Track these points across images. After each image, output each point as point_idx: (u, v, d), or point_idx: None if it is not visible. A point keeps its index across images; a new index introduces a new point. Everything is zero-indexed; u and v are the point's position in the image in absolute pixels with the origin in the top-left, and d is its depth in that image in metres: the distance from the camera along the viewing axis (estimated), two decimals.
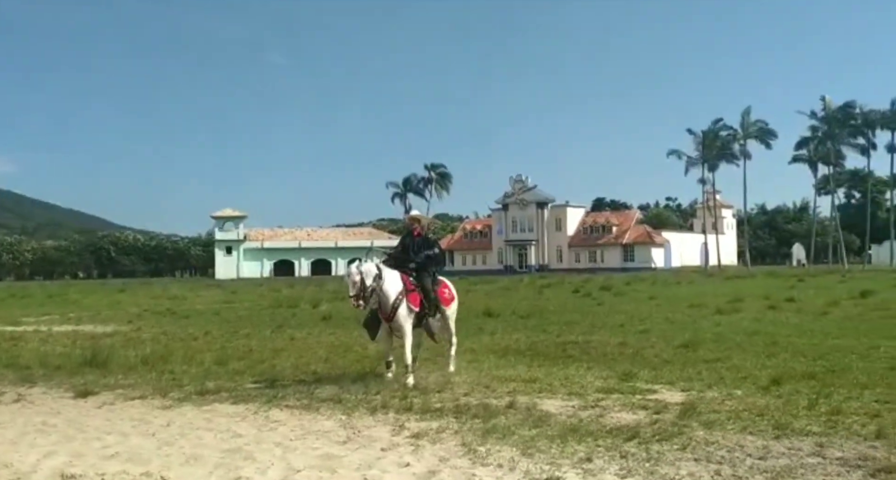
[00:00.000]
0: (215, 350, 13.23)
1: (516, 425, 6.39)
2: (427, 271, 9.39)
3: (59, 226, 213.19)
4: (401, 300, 8.90)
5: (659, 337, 13.25)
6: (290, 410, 7.71)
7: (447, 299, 9.64)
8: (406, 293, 8.97)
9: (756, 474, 4.87)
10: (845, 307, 19.14)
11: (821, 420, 6.28)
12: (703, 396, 7.71)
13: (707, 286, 35.39)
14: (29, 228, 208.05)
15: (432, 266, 9.51)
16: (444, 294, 9.59)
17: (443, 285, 9.73)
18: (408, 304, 8.95)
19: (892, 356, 9.99)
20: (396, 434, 6.35)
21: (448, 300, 9.66)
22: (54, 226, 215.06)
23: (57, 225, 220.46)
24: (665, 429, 6.09)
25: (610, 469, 5.07)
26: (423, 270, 9.36)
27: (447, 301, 9.62)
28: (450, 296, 9.73)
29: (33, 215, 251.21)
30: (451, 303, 9.73)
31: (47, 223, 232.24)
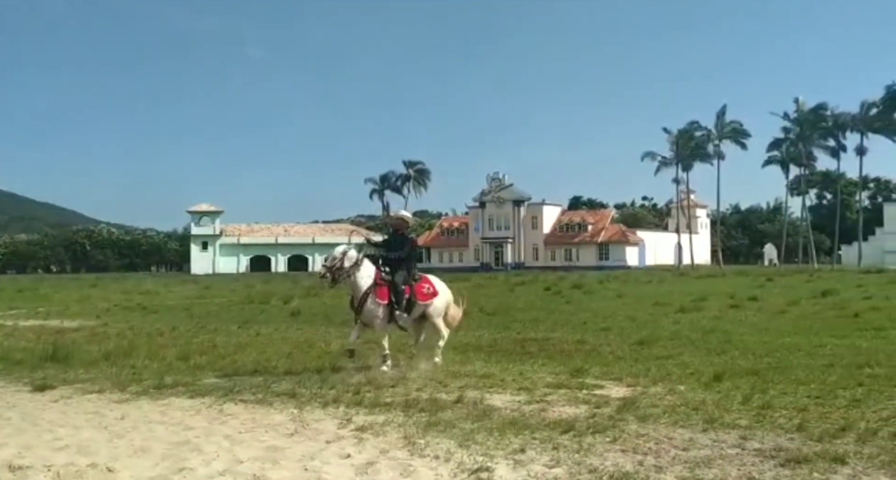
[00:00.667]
0: (180, 346, 13.31)
1: (460, 419, 6.59)
2: (401, 268, 9.68)
3: (34, 219, 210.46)
4: (369, 293, 9.39)
5: (617, 335, 13.55)
6: (244, 404, 7.84)
7: (425, 294, 9.88)
8: (375, 287, 9.40)
9: (676, 464, 5.11)
10: (804, 306, 19.59)
11: (750, 414, 6.54)
12: (646, 391, 7.96)
13: (676, 285, 35.87)
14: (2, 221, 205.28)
15: (404, 265, 9.78)
16: (421, 290, 9.85)
17: (423, 280, 10.00)
18: (375, 297, 9.39)
19: (835, 354, 10.31)
20: (343, 427, 6.53)
21: (427, 296, 9.90)
22: (28, 219, 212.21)
23: (31, 218, 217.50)
24: (600, 423, 6.32)
25: (540, 460, 5.29)
26: (397, 267, 9.67)
27: (425, 297, 9.86)
28: (429, 292, 9.95)
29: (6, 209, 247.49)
30: (429, 299, 9.94)
31: (21, 217, 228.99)
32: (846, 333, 13.30)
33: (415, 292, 9.74)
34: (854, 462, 4.94)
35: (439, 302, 10.11)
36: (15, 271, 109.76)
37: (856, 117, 62.59)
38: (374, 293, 9.42)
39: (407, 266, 9.83)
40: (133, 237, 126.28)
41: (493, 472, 5.04)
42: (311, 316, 19.88)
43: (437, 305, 10.08)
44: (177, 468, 5.49)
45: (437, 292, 10.08)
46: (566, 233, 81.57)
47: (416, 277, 9.92)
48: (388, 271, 9.64)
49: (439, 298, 10.11)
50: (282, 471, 5.30)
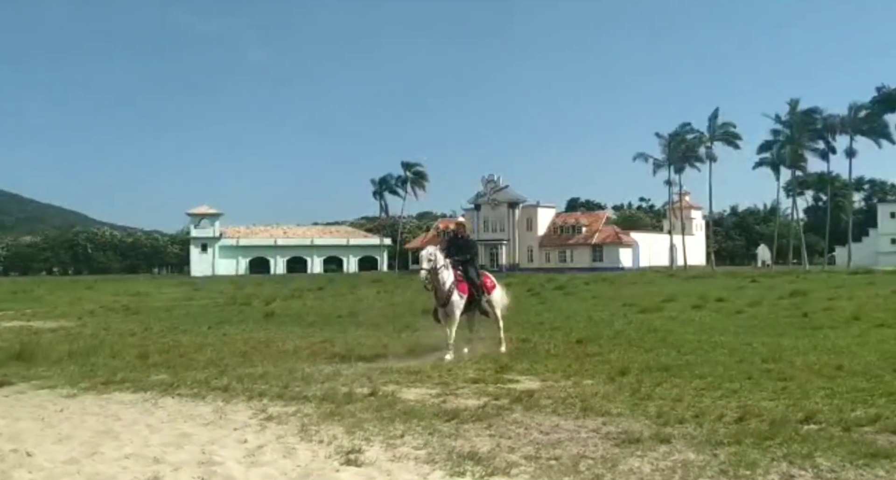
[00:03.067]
0: (146, 345, 13.91)
1: (362, 409, 7.17)
2: (472, 266, 11.57)
3: (38, 221, 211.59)
4: (453, 289, 11.03)
5: (564, 334, 14.09)
6: (179, 398, 8.43)
7: (490, 287, 11.88)
8: (456, 283, 11.10)
9: (528, 445, 5.68)
10: (763, 307, 20.08)
11: (628, 404, 7.11)
12: (554, 385, 8.54)
13: (658, 286, 36.31)
14: (7, 223, 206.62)
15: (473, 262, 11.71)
16: (487, 283, 11.85)
17: (485, 276, 12.03)
18: (458, 292, 11.06)
19: (753, 352, 10.78)
20: (254, 417, 7.11)
21: (490, 287, 11.89)
22: (33, 221, 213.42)
23: (36, 220, 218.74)
24: (487, 412, 6.90)
25: (412, 444, 5.87)
26: (469, 265, 11.51)
27: (489, 289, 11.83)
28: (491, 285, 11.96)
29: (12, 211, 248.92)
30: (493, 290, 11.92)
31: (26, 218, 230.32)
32: (783, 332, 13.84)
33: (483, 285, 11.62)
34: (675, 442, 5.52)
35: (497, 293, 12.05)
36: (17, 274, 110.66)
37: (844, 120, 63.04)
38: (457, 289, 11.08)
39: (474, 264, 11.70)
40: (135, 239, 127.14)
41: (365, 453, 5.62)
42: (284, 318, 20.45)
43: (496, 296, 11.99)
44: (90, 452, 6.07)
45: (495, 285, 12.09)
46: (561, 235, 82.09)
47: (479, 273, 11.87)
48: (462, 270, 11.36)
49: (497, 290, 12.08)
50: (181, 454, 5.89)
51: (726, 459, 5.01)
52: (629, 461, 5.12)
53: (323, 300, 29.13)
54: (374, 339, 14.09)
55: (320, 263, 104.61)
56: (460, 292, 11.08)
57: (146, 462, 5.71)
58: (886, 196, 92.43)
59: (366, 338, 14.35)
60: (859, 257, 74.89)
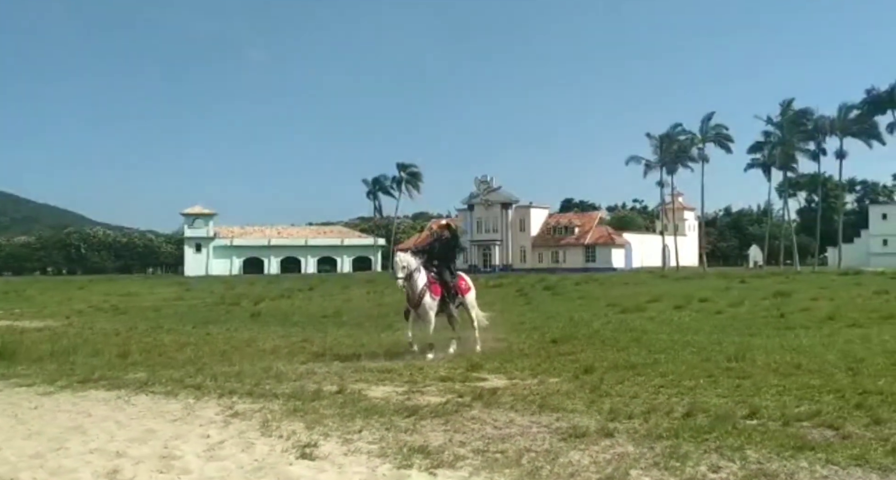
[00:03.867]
0: (129, 344, 14.10)
1: (326, 406, 7.36)
2: (446, 268, 11.71)
3: (34, 221, 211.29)
4: (425, 290, 11.23)
5: (542, 334, 14.28)
6: (152, 395, 8.60)
7: (464, 289, 12.05)
8: (429, 285, 11.28)
9: (479, 440, 5.88)
10: (745, 307, 20.30)
11: (586, 401, 7.29)
12: (519, 383, 8.72)
13: (647, 287, 36.40)
14: (3, 223, 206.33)
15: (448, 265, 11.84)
16: (461, 285, 12.00)
17: (460, 278, 12.15)
18: (430, 293, 11.26)
19: (721, 351, 10.90)
20: (220, 414, 7.29)
21: (465, 289, 12.07)
22: (29, 221, 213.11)
23: (32, 220, 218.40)
24: (447, 409, 7.08)
25: (367, 438, 6.06)
26: (444, 266, 11.68)
27: (464, 291, 12.03)
28: (466, 287, 12.11)
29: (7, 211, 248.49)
30: (468, 292, 12.13)
31: (22, 219, 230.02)
32: (756, 332, 14.05)
33: (456, 287, 11.78)
34: (618, 436, 5.72)
35: (472, 295, 12.26)
36: (11, 274, 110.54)
37: (835, 121, 63.37)
38: (430, 291, 11.26)
39: (450, 267, 11.84)
40: (129, 239, 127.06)
41: (320, 447, 5.81)
42: (269, 318, 20.64)
43: (470, 298, 12.19)
44: (56, 447, 6.25)
45: (470, 287, 12.26)
46: (553, 235, 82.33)
47: (455, 275, 12.02)
48: (436, 272, 11.54)
49: (472, 292, 12.30)
50: (144, 449, 6.07)
51: (661, 452, 5.21)
52: (570, 454, 5.32)
53: (311, 301, 29.32)
54: (353, 339, 14.29)
55: (314, 263, 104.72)
56: (433, 294, 11.32)
57: (109, 456, 5.89)
58: (878, 198, 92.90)
59: (345, 338, 14.55)
60: (851, 258, 75.26)
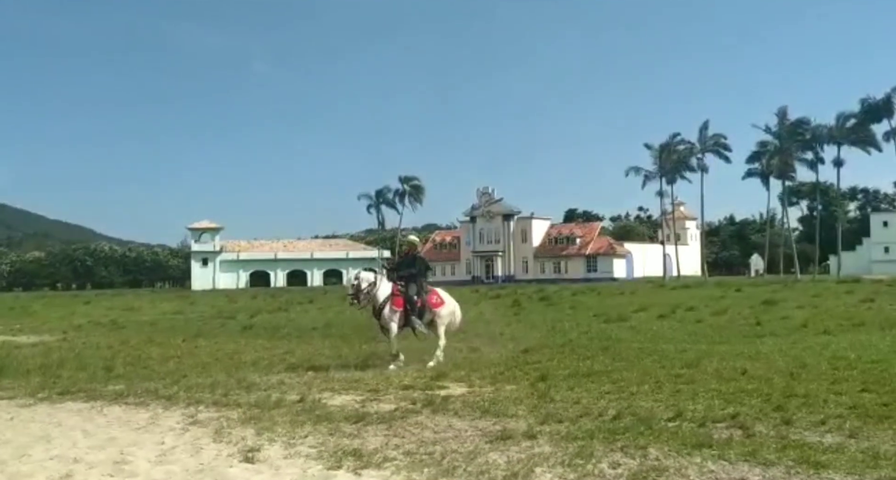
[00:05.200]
0: (116, 358, 14.52)
1: (282, 414, 7.74)
2: (413, 283, 11.91)
3: (46, 237, 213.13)
4: (386, 302, 11.65)
5: (517, 343, 14.61)
6: (126, 406, 8.99)
7: (435, 303, 12.12)
8: (392, 298, 11.68)
9: (413, 443, 6.24)
10: (727, 316, 20.59)
11: (529, 407, 7.64)
12: (476, 390, 9.07)
13: (641, 297, 36.65)
14: (16, 238, 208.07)
15: (415, 280, 12.02)
16: (431, 300, 12.11)
17: (432, 292, 12.27)
18: (391, 306, 11.65)
19: (682, 359, 11.13)
20: (181, 422, 7.68)
21: (436, 304, 12.13)
22: (41, 237, 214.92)
23: (43, 236, 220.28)
24: (395, 415, 7.45)
25: (311, 443, 6.43)
26: (410, 281, 11.92)
27: (435, 305, 12.10)
28: (437, 301, 12.18)
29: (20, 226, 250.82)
30: (439, 307, 12.13)
31: (34, 234, 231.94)
32: (727, 340, 14.38)
33: (426, 302, 11.96)
34: (541, 438, 6.09)
35: (444, 311, 12.24)
36: (21, 289, 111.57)
37: (832, 130, 63.59)
38: (391, 303, 11.65)
39: (417, 281, 12.02)
40: (137, 254, 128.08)
41: (263, 451, 6.19)
42: (260, 330, 21.02)
43: (443, 313, 12.20)
44: (20, 455, 6.65)
45: (443, 303, 12.27)
46: (555, 246, 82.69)
47: (426, 289, 12.16)
48: (403, 286, 11.86)
49: (444, 307, 12.28)
50: (100, 455, 6.46)
51: (572, 451, 5.57)
52: (490, 454, 5.69)
53: (307, 313, 29.71)
54: (334, 350, 14.66)
55: (320, 276, 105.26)
56: (393, 306, 11.69)
57: (66, 462, 6.28)
58: (880, 205, 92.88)
59: (327, 349, 14.92)
60: (853, 266, 75.27)
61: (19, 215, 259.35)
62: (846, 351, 10.96)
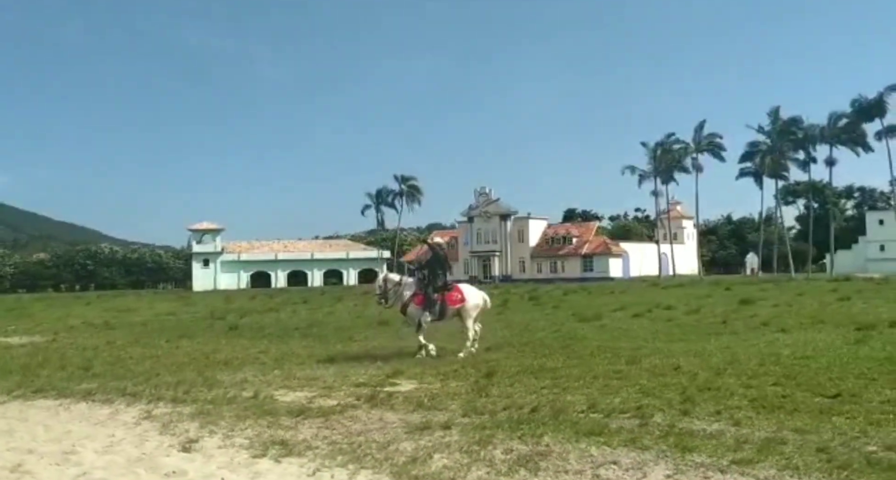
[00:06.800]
0: (99, 358, 15.03)
1: (232, 409, 8.24)
2: (433, 282, 12.93)
3: (51, 238, 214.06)
4: (409, 301, 12.89)
5: (483, 343, 15.03)
6: (92, 403, 9.48)
7: (455, 300, 12.93)
8: (414, 296, 12.83)
9: (340, 434, 6.74)
10: (699, 315, 20.97)
11: (465, 401, 8.13)
12: (424, 386, 9.56)
13: (630, 296, 36.96)
14: (21, 240, 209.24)
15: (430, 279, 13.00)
16: (452, 297, 12.94)
17: (454, 290, 13.08)
18: (414, 303, 12.83)
19: (630, 356, 11.54)
20: (136, 417, 8.20)
21: (456, 301, 12.94)
22: (46, 238, 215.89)
23: (49, 237, 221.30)
24: (335, 409, 7.95)
25: (247, 434, 6.95)
26: (431, 281, 12.96)
27: (455, 302, 12.92)
28: (458, 299, 12.97)
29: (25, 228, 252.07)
30: (458, 304, 12.93)
31: (39, 235, 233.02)
32: (686, 338, 14.74)
33: (446, 300, 12.83)
34: (454, 428, 6.59)
35: (469, 306, 13.04)
36: (25, 291, 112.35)
37: (824, 129, 63.92)
38: (414, 301, 12.82)
39: (436, 280, 12.97)
40: (139, 255, 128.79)
41: (201, 442, 6.71)
42: (245, 330, 21.48)
43: (467, 308, 13.01)
44: None
45: (465, 299, 13.02)
46: (552, 246, 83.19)
47: (448, 287, 13.05)
48: (424, 284, 12.90)
49: (468, 303, 13.03)
50: (53, 446, 6.98)
51: (474, 439, 6.07)
52: (403, 443, 6.19)
53: (296, 314, 30.20)
54: (309, 350, 15.15)
55: (321, 276, 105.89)
56: (416, 304, 12.85)
57: (21, 453, 6.80)
58: (876, 204, 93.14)
59: (302, 349, 15.41)
60: (850, 264, 75.64)
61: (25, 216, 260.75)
62: (785, 348, 11.40)
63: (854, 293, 29.08)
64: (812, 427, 6.08)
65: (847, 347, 11.28)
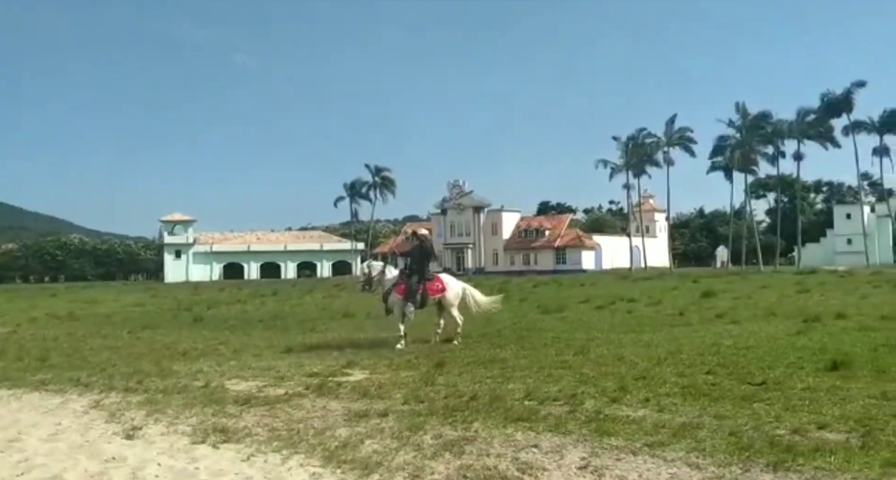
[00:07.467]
0: (59, 349, 15.04)
1: (181, 398, 8.38)
2: (415, 272, 13.19)
3: (23, 229, 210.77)
4: (391, 290, 13.14)
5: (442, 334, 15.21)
6: (45, 393, 9.56)
7: (436, 290, 13.29)
8: (396, 285, 13.08)
9: (282, 422, 6.92)
10: (659, 307, 21.41)
11: (409, 390, 8.33)
12: (375, 377, 9.72)
13: (599, 289, 37.32)
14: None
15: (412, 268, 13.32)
16: (433, 287, 13.28)
17: (435, 279, 13.46)
18: (395, 292, 13.07)
19: (581, 346, 11.84)
20: (85, 407, 8.31)
21: (437, 290, 13.30)
22: (18, 229, 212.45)
23: (20, 228, 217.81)
24: (281, 399, 8.12)
25: (191, 422, 7.10)
26: (413, 271, 13.25)
27: (435, 292, 13.28)
28: (439, 288, 13.33)
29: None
30: (438, 293, 13.30)
31: (10, 226, 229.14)
32: (640, 329, 15.06)
33: (426, 289, 13.12)
34: (391, 415, 6.81)
35: (449, 294, 13.39)
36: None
37: (792, 124, 64.95)
38: (395, 289, 13.05)
39: (422, 270, 13.25)
40: (109, 246, 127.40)
41: (145, 429, 6.86)
42: (209, 322, 21.53)
43: (448, 297, 13.36)
44: None
45: (445, 288, 13.40)
46: (525, 238, 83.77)
47: (429, 276, 13.37)
48: (407, 274, 13.16)
49: (448, 292, 13.39)
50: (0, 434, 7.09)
51: (407, 425, 6.28)
52: (338, 430, 6.39)
53: (264, 305, 30.27)
54: (268, 341, 15.27)
55: (294, 268, 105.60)
56: (397, 293, 13.09)
57: None
58: (845, 198, 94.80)
59: (262, 340, 15.52)
60: (818, 257, 77.03)
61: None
62: (729, 339, 11.74)
63: (816, 286, 29.73)
64: (731, 413, 6.37)
65: (787, 338, 11.65)
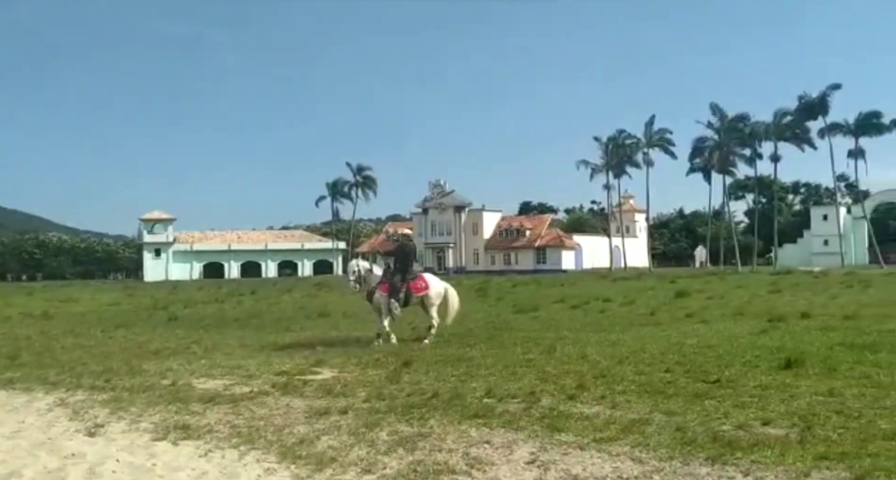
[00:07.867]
0: (30, 348, 14.99)
1: (147, 397, 8.44)
2: (399, 270, 13.52)
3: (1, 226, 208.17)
4: (375, 288, 13.40)
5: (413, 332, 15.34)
6: (12, 391, 9.58)
7: (419, 288, 13.55)
8: (380, 284, 13.36)
9: (244, 419, 7.02)
10: (633, 307, 21.66)
11: (373, 388, 8.45)
12: (342, 376, 9.81)
13: (577, 288, 37.59)
14: None
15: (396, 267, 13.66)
16: (417, 285, 13.55)
17: (419, 278, 13.79)
18: (380, 290, 13.33)
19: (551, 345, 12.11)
20: (50, 405, 8.34)
21: (420, 289, 13.55)
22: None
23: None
24: (247, 396, 8.21)
25: (154, 420, 7.17)
26: (397, 269, 13.58)
27: (419, 290, 13.53)
28: (421, 287, 13.59)
29: None
30: (421, 292, 13.53)
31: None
32: (610, 328, 15.26)
33: (410, 288, 13.37)
34: (351, 412, 6.93)
35: (432, 293, 13.64)
36: None
37: (769, 126, 65.74)
38: (380, 288, 13.30)
39: (405, 269, 13.60)
40: (88, 245, 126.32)
41: (107, 427, 6.93)
42: (184, 321, 21.50)
43: (430, 296, 13.61)
44: None
45: (428, 287, 13.64)
46: (505, 238, 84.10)
47: (413, 275, 13.69)
48: (391, 272, 13.50)
49: (430, 291, 13.63)
50: None
51: (365, 422, 6.40)
52: (297, 427, 6.50)
53: (241, 304, 30.24)
54: (241, 340, 15.30)
55: (275, 267, 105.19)
56: (381, 291, 13.34)
57: None
58: (822, 199, 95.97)
59: (234, 340, 15.55)
60: (795, 258, 77.89)
61: None
62: (693, 338, 11.95)
63: (789, 286, 30.18)
64: (681, 410, 6.54)
65: (749, 337, 11.88)
